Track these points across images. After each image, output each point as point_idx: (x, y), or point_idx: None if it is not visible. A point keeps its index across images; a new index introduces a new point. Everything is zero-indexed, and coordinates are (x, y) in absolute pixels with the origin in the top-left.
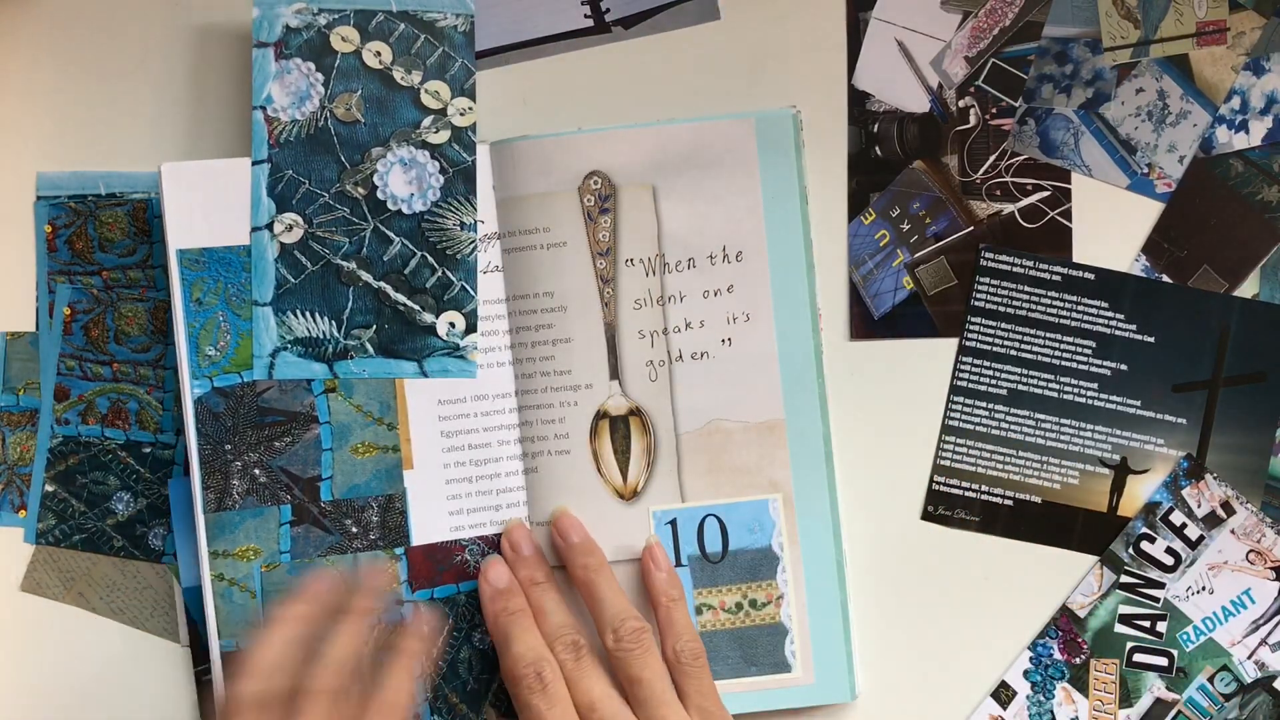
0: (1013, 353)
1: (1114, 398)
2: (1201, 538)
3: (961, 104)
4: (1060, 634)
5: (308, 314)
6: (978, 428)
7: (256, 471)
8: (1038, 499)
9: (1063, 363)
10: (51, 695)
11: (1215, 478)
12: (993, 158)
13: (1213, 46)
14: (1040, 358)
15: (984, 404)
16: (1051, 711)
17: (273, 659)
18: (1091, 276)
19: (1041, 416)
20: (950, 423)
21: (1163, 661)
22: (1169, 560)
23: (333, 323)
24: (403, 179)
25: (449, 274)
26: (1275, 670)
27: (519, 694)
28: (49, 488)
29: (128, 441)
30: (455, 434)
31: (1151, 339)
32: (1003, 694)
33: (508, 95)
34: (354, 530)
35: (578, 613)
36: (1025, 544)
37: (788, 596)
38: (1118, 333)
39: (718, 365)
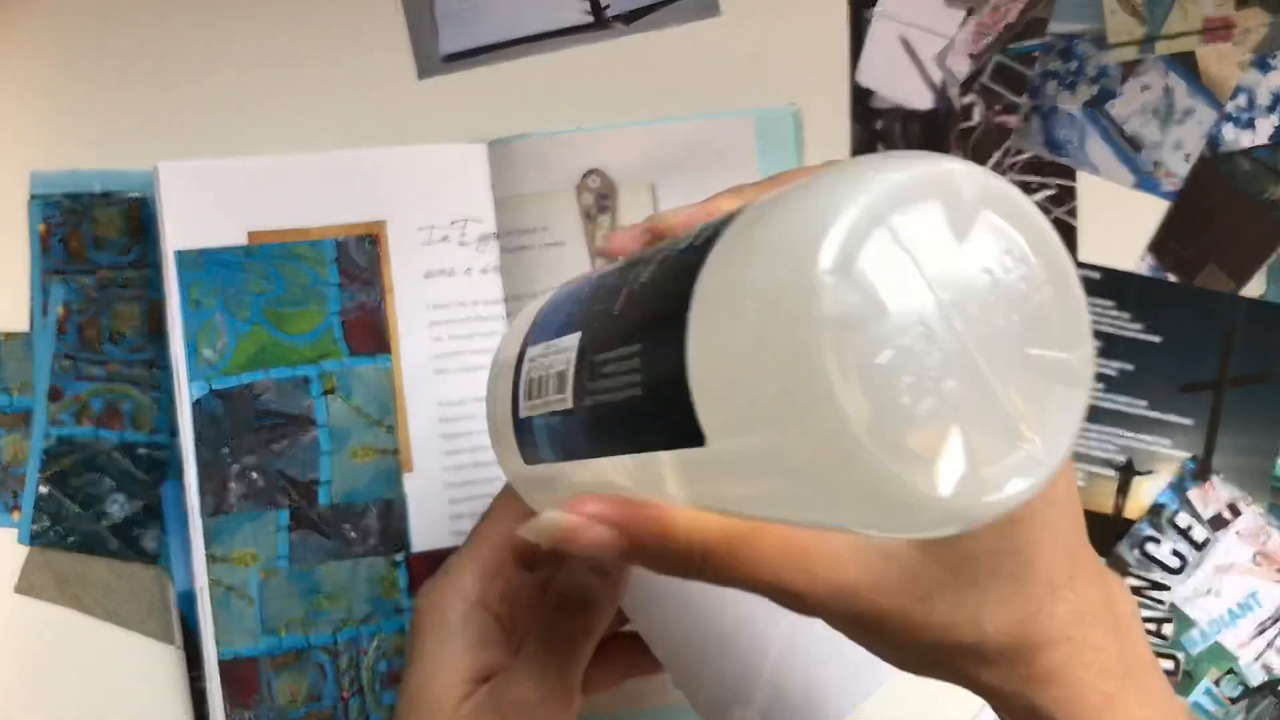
0: None
1: (1120, 398)
2: (1208, 540)
3: (965, 101)
4: None
5: None
6: None
7: (254, 475)
8: None
9: None
10: (45, 698)
11: (1222, 479)
12: (997, 155)
13: (1219, 44)
14: None
15: None
16: None
17: None
18: (1097, 275)
19: None
20: None
21: (1168, 665)
22: (1175, 563)
23: None
24: None
25: None
26: None
27: None
28: (43, 489)
29: (122, 442)
30: (456, 436)
31: (1158, 339)
32: None
33: (506, 93)
34: (353, 535)
35: None
36: None
37: None
38: (1124, 332)
39: None
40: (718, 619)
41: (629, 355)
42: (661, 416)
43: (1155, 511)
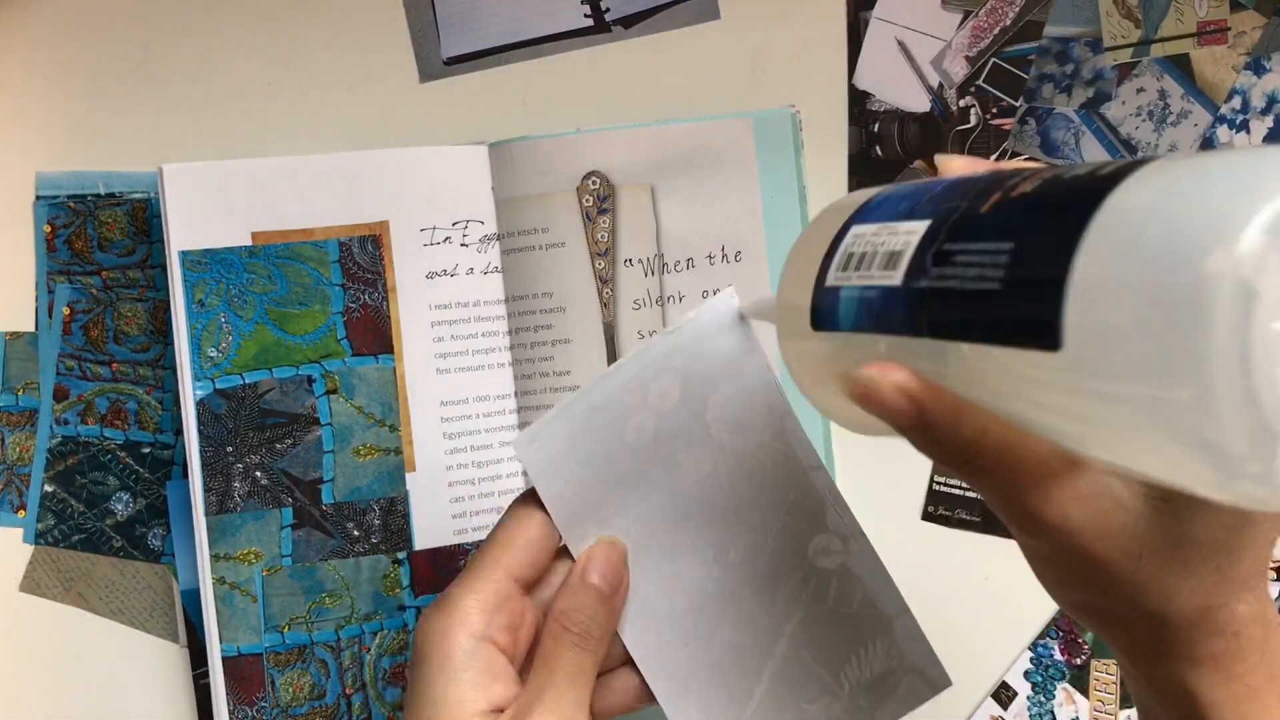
0: None
1: None
2: None
3: (962, 104)
4: (1061, 634)
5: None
6: None
7: (258, 474)
8: None
9: None
10: (51, 695)
11: None
12: (993, 157)
13: (1213, 46)
14: None
15: None
16: (1052, 712)
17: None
18: None
19: None
20: None
21: None
22: None
23: None
24: None
25: None
26: None
27: None
28: (48, 488)
29: (127, 441)
30: (457, 435)
31: None
32: (1003, 694)
33: (507, 95)
34: (355, 534)
35: None
36: None
37: None
38: None
39: None
40: (708, 645)
41: (995, 251)
42: (1019, 314)
43: None
